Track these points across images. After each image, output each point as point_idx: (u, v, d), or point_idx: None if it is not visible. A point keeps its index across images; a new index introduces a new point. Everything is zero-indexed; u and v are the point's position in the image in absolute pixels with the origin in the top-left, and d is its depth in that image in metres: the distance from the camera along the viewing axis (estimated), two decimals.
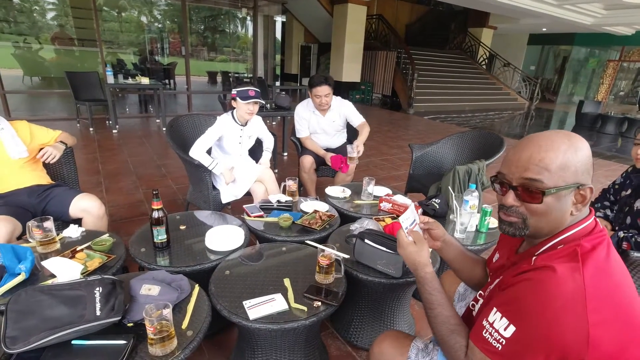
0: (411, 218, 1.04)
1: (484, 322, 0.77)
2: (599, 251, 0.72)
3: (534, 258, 0.78)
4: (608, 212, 1.83)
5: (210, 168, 2.25)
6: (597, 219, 0.80)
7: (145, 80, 5.95)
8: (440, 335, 0.87)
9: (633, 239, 1.54)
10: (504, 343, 0.72)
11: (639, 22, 11.12)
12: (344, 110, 2.89)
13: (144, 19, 12.42)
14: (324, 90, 2.68)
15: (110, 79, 5.50)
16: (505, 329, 0.72)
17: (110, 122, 5.73)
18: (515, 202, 0.79)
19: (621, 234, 1.60)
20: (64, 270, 1.21)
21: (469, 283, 1.15)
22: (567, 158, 0.73)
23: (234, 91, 2.32)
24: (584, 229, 0.77)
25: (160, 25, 12.72)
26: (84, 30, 9.57)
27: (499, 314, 0.74)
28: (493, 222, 1.95)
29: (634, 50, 10.06)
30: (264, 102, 2.32)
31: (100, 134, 5.39)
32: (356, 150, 2.48)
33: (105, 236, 1.55)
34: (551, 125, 10.17)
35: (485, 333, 0.76)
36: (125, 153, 4.52)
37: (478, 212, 1.92)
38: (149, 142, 5.17)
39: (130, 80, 6.14)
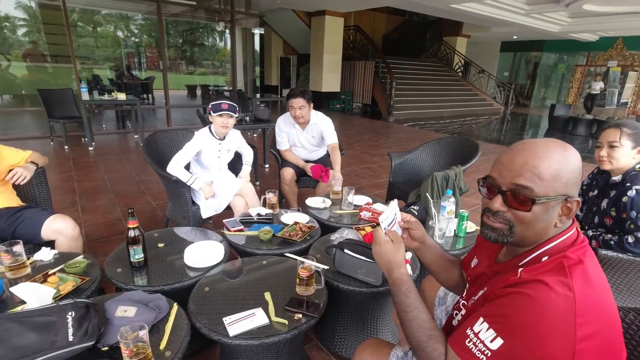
0: (390, 218, 1.00)
1: (468, 331, 0.75)
2: (584, 263, 0.72)
3: (519, 270, 0.76)
4: (578, 212, 1.90)
5: (189, 183, 2.23)
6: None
7: (121, 96, 5.86)
8: (417, 341, 0.83)
9: (601, 237, 1.60)
10: (489, 355, 0.70)
11: (602, 29, 11.76)
12: (322, 127, 2.89)
13: (120, 33, 12.29)
14: (298, 102, 2.72)
15: (85, 96, 5.39)
16: (492, 341, 0.70)
17: (86, 139, 5.60)
18: (502, 208, 0.77)
19: (590, 232, 1.67)
20: (35, 295, 1.17)
21: (446, 285, 1.16)
22: (560, 168, 0.72)
23: (209, 105, 2.32)
24: (567, 239, 0.76)
25: (137, 40, 12.61)
26: (57, 46, 9.40)
27: (485, 325, 0.72)
28: (470, 227, 2.00)
29: (598, 55, 10.56)
30: (237, 115, 2.33)
31: (75, 152, 5.25)
32: (339, 182, 2.49)
33: (79, 258, 1.51)
34: (526, 128, 10.51)
35: (468, 342, 0.74)
36: (102, 170, 4.42)
37: (456, 217, 1.96)
38: (126, 158, 5.07)
39: (106, 96, 6.04)
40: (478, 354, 0.71)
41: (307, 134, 2.93)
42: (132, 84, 11.22)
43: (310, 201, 2.33)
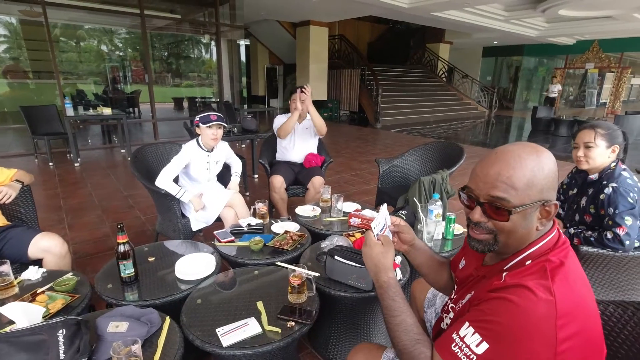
0: (382, 223, 1.03)
1: (454, 335, 0.76)
2: (565, 265, 0.74)
3: (504, 274, 0.78)
4: (560, 210, 1.97)
5: (178, 197, 2.23)
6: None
7: (107, 111, 5.81)
8: (403, 345, 0.83)
9: (582, 234, 1.65)
10: (474, 359, 0.72)
11: (578, 33, 12.16)
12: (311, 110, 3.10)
13: (104, 47, 12.20)
14: (301, 95, 2.99)
15: (70, 111, 5.33)
16: (477, 346, 0.72)
17: (72, 155, 5.52)
18: (482, 218, 0.79)
19: (572, 230, 1.72)
20: (24, 315, 1.15)
21: (436, 286, 1.18)
22: (533, 175, 0.74)
23: (196, 118, 2.34)
24: (549, 242, 0.78)
25: (121, 54, 12.53)
26: (39, 62, 9.29)
27: (471, 329, 0.74)
28: (458, 229, 2.04)
29: (576, 58, 10.92)
30: (226, 125, 2.35)
31: (60, 169, 5.18)
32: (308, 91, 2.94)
33: (69, 275, 1.49)
34: (511, 130, 10.75)
35: (454, 347, 0.75)
36: (89, 186, 4.36)
37: (443, 220, 2.00)
38: (114, 173, 5.02)
39: (91, 112, 5.99)
40: (464, 358, 0.73)
41: (303, 126, 3.13)
42: (117, 98, 11.12)
43: (300, 210, 2.34)
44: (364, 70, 11.12)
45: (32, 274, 1.51)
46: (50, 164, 5.31)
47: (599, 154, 1.65)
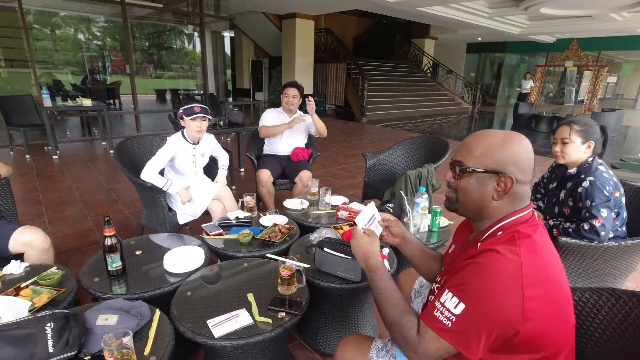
0: (367, 218, 1.11)
1: (436, 303, 0.83)
2: (533, 237, 0.82)
3: (479, 244, 0.86)
4: (540, 203, 2.04)
5: (164, 189, 2.20)
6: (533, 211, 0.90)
7: (87, 102, 5.65)
8: (392, 317, 0.90)
9: (561, 226, 1.72)
10: (453, 320, 0.79)
11: (558, 31, 12.48)
12: (308, 120, 3.15)
13: (81, 36, 11.77)
14: (293, 91, 3.06)
15: (48, 102, 5.16)
16: (455, 307, 0.79)
17: (50, 147, 5.35)
18: (450, 179, 0.92)
19: (551, 222, 1.79)
20: (9, 309, 1.13)
21: (428, 278, 1.22)
22: (491, 146, 0.85)
23: (180, 110, 2.31)
24: (521, 217, 0.86)
25: (100, 43, 12.13)
26: (11, 50, 8.89)
27: (450, 294, 0.81)
28: (443, 221, 2.09)
29: (556, 56, 11.18)
30: (210, 117, 2.34)
31: (38, 161, 5.02)
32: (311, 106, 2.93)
33: (53, 269, 1.46)
34: (493, 126, 10.96)
35: (436, 312, 0.82)
36: (69, 180, 4.25)
37: (429, 213, 2.04)
38: (95, 166, 4.90)
39: (70, 103, 5.80)
40: (445, 320, 0.80)
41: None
42: (97, 89, 10.78)
43: (288, 203, 2.35)
44: (350, 64, 11.11)
45: (15, 268, 1.47)
46: (27, 156, 5.14)
47: (575, 149, 1.72)
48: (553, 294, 0.80)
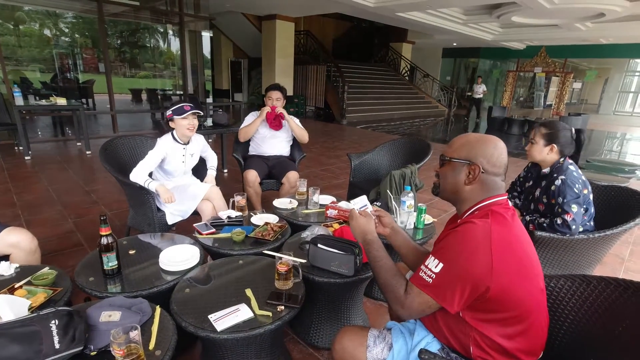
0: (360, 204, 1.37)
1: (422, 267, 0.99)
2: (505, 216, 0.97)
3: (458, 220, 1.05)
4: (517, 201, 2.17)
5: (145, 186, 2.18)
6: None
7: (62, 101, 5.48)
8: (384, 279, 1.06)
9: (536, 221, 1.85)
10: (433, 277, 0.94)
11: (528, 39, 13.08)
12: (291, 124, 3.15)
13: (47, 32, 11.29)
14: (276, 94, 3.09)
15: (20, 101, 4.97)
16: (436, 267, 0.95)
17: (21, 148, 5.15)
18: (436, 168, 1.12)
19: (528, 217, 1.92)
20: (9, 308, 1.12)
21: (414, 268, 1.30)
22: (467, 142, 1.04)
23: (168, 112, 2.30)
24: (495, 202, 1.01)
25: (68, 39, 11.68)
26: None
27: (432, 258, 0.97)
28: (428, 219, 2.18)
29: (526, 62, 11.71)
30: (202, 113, 2.36)
31: (9, 162, 4.83)
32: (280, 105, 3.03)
33: (46, 269, 1.45)
34: (468, 129, 11.33)
35: (421, 273, 0.98)
36: (45, 181, 4.11)
37: (415, 211, 2.13)
38: (71, 167, 4.76)
39: (44, 102, 5.60)
40: (427, 278, 0.96)
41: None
42: (68, 87, 10.40)
43: (277, 202, 2.39)
44: (329, 66, 11.22)
45: (5, 269, 1.45)
46: None
47: (537, 150, 1.86)
48: (520, 258, 0.94)
